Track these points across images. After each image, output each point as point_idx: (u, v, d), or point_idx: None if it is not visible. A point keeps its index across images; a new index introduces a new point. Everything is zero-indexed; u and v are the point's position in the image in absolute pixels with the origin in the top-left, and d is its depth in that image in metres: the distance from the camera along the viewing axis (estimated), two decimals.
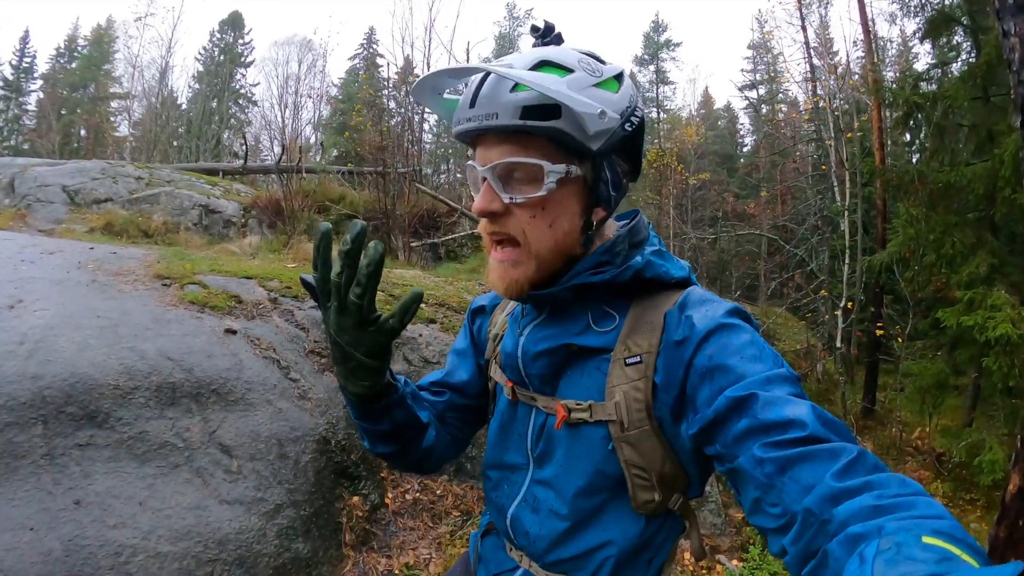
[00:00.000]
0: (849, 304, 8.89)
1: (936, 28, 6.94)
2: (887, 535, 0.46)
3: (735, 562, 3.62)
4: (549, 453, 0.89)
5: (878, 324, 8.23)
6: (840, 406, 7.21)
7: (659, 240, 0.93)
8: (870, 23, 9.67)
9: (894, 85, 8.39)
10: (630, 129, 0.82)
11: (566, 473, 0.86)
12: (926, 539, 0.44)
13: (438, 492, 3.31)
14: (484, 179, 0.81)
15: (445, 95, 0.90)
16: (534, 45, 0.86)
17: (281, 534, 2.56)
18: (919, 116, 6.85)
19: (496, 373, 1.01)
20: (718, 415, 0.69)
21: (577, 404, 0.84)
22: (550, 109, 0.75)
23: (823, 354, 8.85)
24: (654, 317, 0.83)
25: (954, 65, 7.28)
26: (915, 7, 6.95)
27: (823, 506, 0.55)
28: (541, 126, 0.76)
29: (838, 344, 8.68)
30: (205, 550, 2.31)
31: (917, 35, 7.33)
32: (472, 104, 0.79)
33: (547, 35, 0.87)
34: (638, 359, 0.81)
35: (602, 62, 0.83)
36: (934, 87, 7.17)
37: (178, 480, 2.48)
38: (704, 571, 3.33)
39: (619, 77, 0.83)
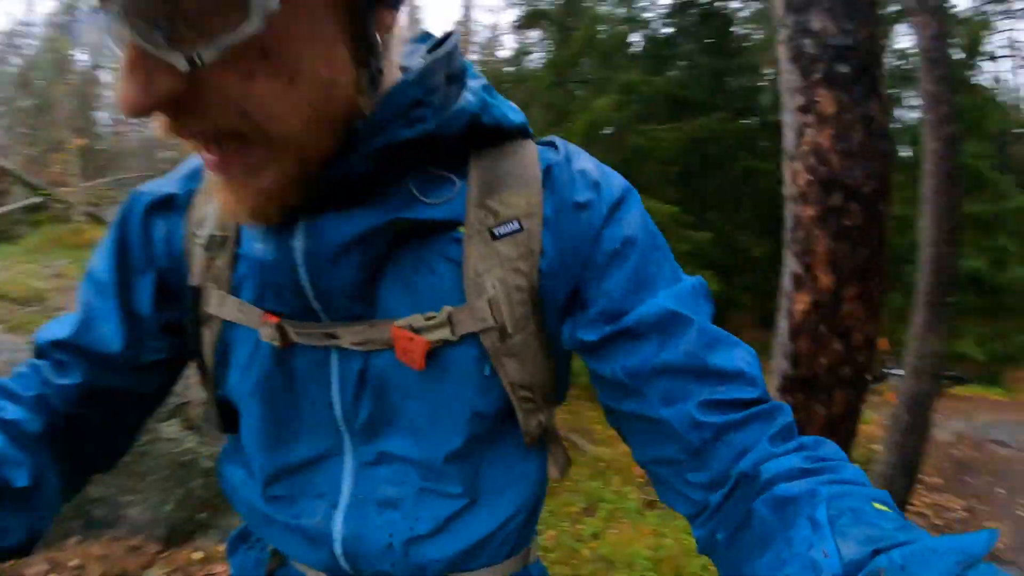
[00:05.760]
0: None
1: (530, 21, 8.22)
2: (832, 498, 0.40)
3: None
4: (387, 412, 0.57)
5: None
6: None
7: (477, 71, 0.59)
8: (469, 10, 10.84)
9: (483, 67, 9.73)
10: None
11: (429, 431, 0.57)
12: (876, 505, 0.39)
13: (71, 564, 2.37)
14: (131, 44, 0.36)
15: None
16: None
17: None
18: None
19: (228, 308, 0.58)
20: (638, 326, 0.51)
21: (428, 319, 0.53)
22: None
23: None
24: (519, 170, 0.55)
25: (536, 55, 8.75)
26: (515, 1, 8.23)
27: (756, 470, 0.46)
28: None
29: None
30: None
31: (514, 25, 8.58)
32: None
33: None
34: (515, 226, 0.53)
35: None
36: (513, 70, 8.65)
37: None
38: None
39: None
